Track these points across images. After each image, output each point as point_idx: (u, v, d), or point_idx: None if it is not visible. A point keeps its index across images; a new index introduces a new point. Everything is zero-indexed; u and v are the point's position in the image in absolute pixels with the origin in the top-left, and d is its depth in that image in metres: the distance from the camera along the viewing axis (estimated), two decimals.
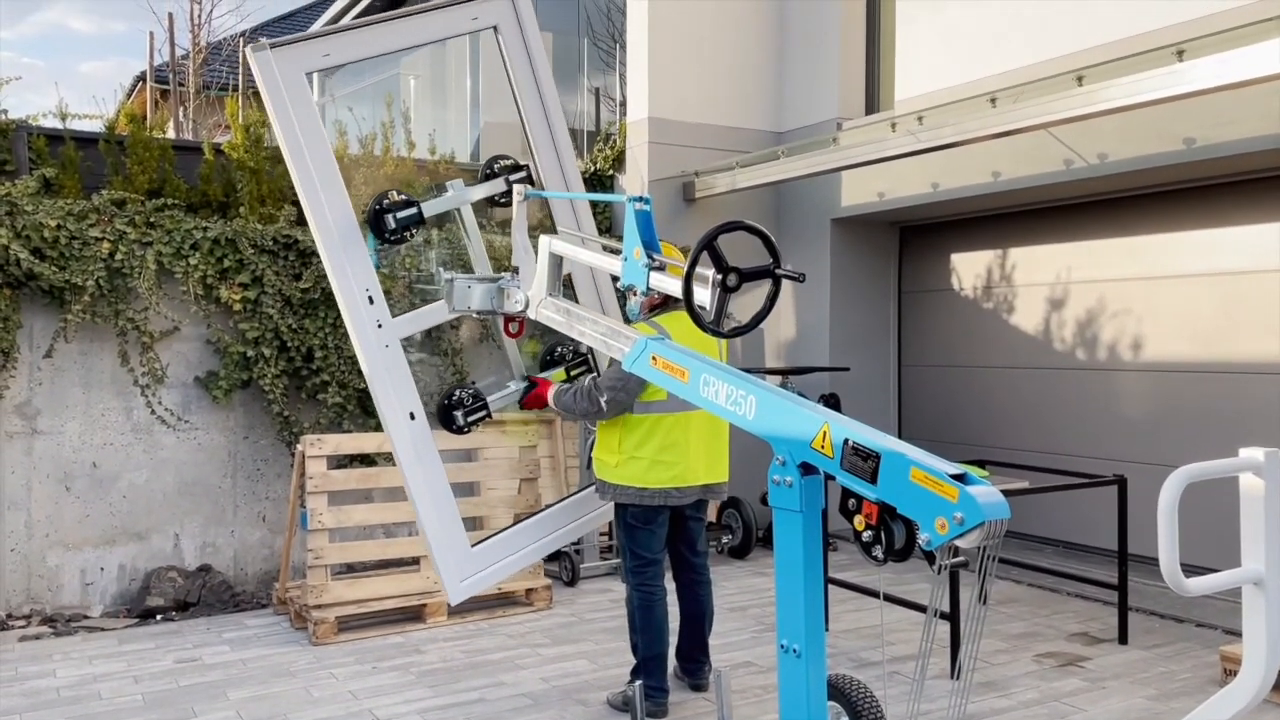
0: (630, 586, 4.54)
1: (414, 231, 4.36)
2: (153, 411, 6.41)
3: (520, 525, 4.61)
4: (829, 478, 2.99)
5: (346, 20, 14.76)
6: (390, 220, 4.25)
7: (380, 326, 4.15)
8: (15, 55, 41.48)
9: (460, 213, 4.53)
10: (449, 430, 4.46)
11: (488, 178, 4.59)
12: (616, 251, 3.84)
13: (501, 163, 4.62)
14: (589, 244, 4.25)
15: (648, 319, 4.44)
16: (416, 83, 11.80)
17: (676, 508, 4.54)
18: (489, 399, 4.53)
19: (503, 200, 4.57)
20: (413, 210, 4.31)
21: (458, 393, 4.49)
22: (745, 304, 3.60)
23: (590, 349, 4.71)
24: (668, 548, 4.63)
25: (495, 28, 4.56)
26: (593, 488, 4.66)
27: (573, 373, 4.78)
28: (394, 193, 4.34)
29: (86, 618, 6.19)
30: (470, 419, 4.46)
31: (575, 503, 4.80)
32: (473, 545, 4.36)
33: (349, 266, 4.09)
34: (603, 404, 4.30)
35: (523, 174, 4.60)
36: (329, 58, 4.18)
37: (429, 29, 4.47)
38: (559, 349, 4.82)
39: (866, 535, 2.85)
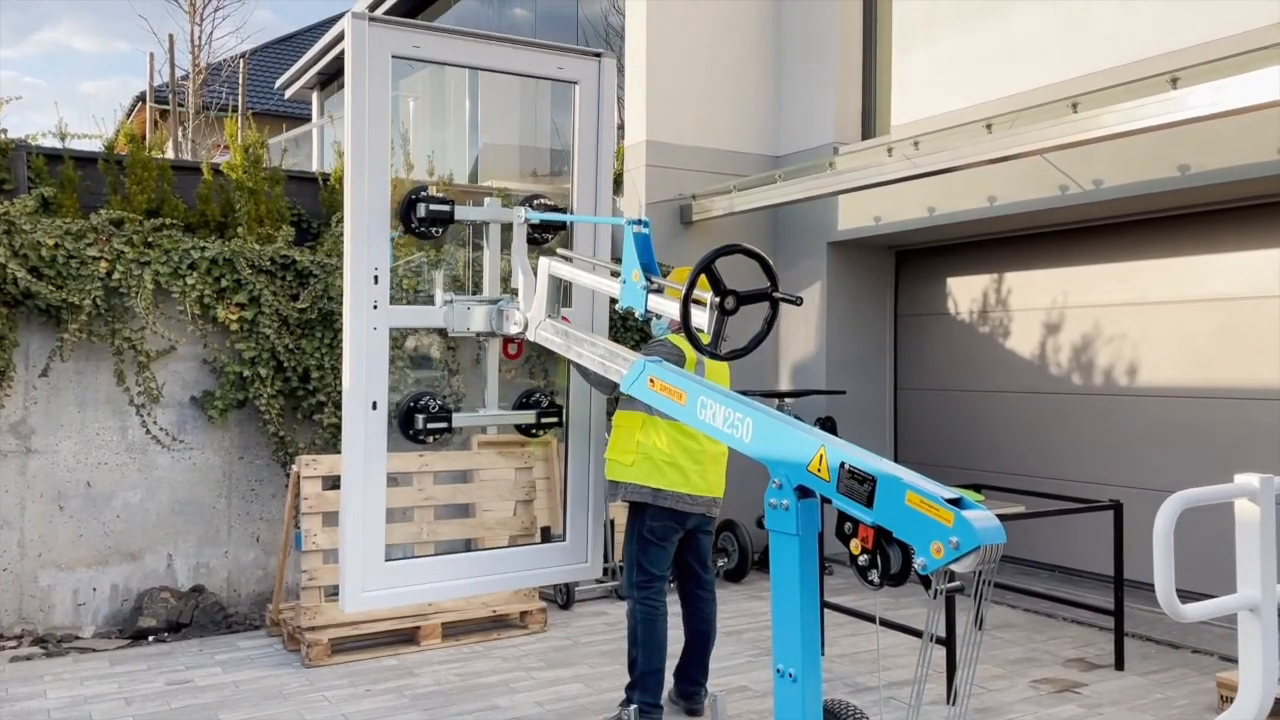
0: (634, 601, 4.52)
1: (440, 230, 4.41)
2: (148, 431, 6.40)
3: (454, 556, 4.57)
4: (825, 501, 2.99)
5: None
6: (421, 209, 4.33)
7: (375, 308, 4.17)
8: (18, 74, 41.69)
9: (488, 229, 4.56)
10: (404, 434, 4.44)
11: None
12: (617, 274, 3.86)
13: (542, 201, 4.70)
14: (587, 265, 4.27)
15: (680, 332, 4.44)
16: (415, 105, 11.86)
17: (690, 525, 4.54)
18: (455, 415, 4.51)
19: (536, 235, 4.61)
20: (445, 207, 4.38)
21: (425, 399, 4.47)
22: (742, 327, 3.61)
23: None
24: (676, 561, 4.64)
25: (576, 83, 4.69)
26: (553, 542, 4.64)
27: (543, 420, 4.77)
28: (433, 188, 4.40)
29: (78, 638, 6.15)
30: (430, 426, 4.42)
31: (530, 551, 4.75)
32: (388, 560, 4.29)
33: (367, 242, 4.13)
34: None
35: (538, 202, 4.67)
36: (418, 49, 4.28)
37: (515, 61, 4.56)
38: (535, 394, 4.81)
39: (862, 559, 2.85)
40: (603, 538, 4.93)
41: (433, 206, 4.34)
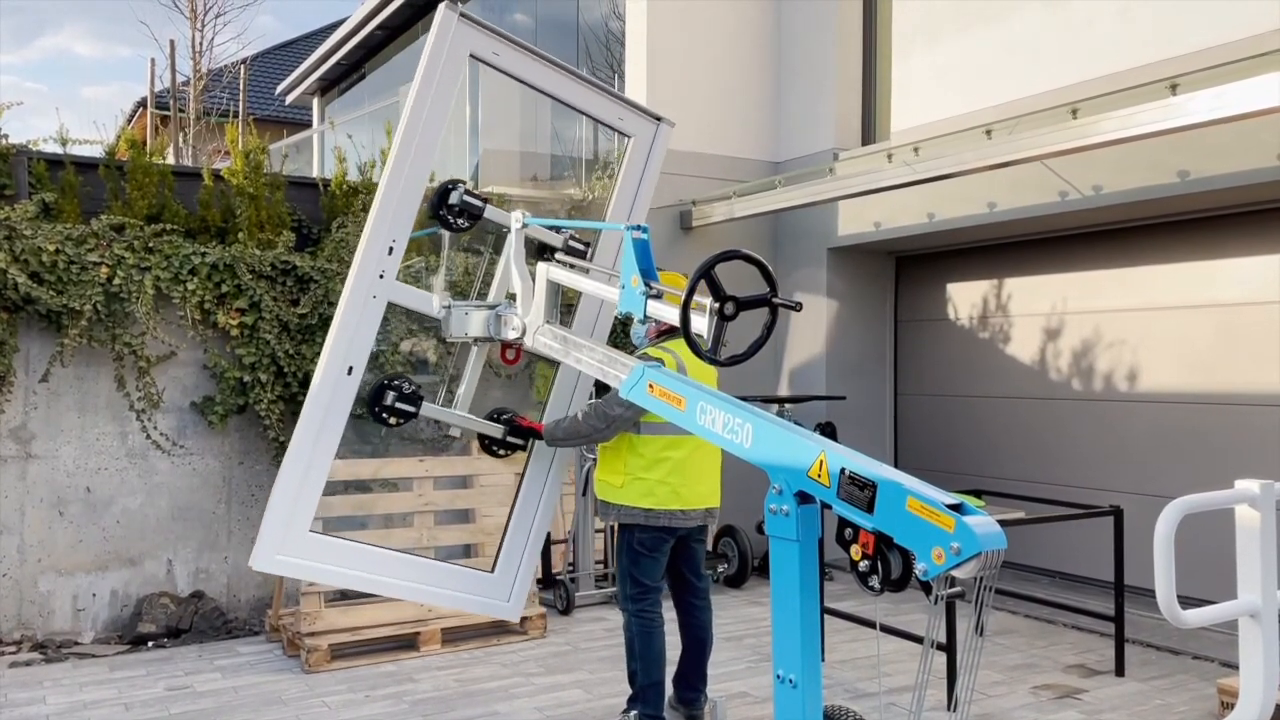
0: (629, 614, 4.50)
1: (466, 223, 4.42)
2: (148, 436, 6.39)
3: (382, 551, 4.39)
4: (825, 507, 2.99)
5: (348, 45, 14.85)
6: (454, 196, 4.36)
7: (381, 278, 4.16)
8: (19, 79, 41.76)
9: (510, 237, 4.55)
10: (370, 408, 4.36)
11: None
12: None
13: (573, 236, 4.72)
14: (585, 271, 4.27)
15: (657, 343, 4.44)
16: None
17: (681, 534, 4.53)
18: (424, 404, 4.45)
19: (549, 255, 4.60)
20: (478, 202, 4.40)
21: (402, 381, 4.41)
22: (742, 332, 3.61)
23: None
24: (670, 571, 4.62)
25: (630, 136, 4.79)
26: (484, 570, 4.59)
27: (509, 439, 4.74)
28: (472, 185, 4.48)
29: (78, 644, 6.14)
30: (395, 405, 4.35)
31: (456, 572, 4.60)
32: (312, 530, 4.18)
33: (394, 211, 4.12)
34: (611, 418, 4.26)
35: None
36: (497, 57, 4.31)
37: (580, 97, 4.62)
38: (508, 414, 4.79)
39: (863, 565, 2.84)
40: (530, 580, 4.82)
41: (467, 198, 4.37)
